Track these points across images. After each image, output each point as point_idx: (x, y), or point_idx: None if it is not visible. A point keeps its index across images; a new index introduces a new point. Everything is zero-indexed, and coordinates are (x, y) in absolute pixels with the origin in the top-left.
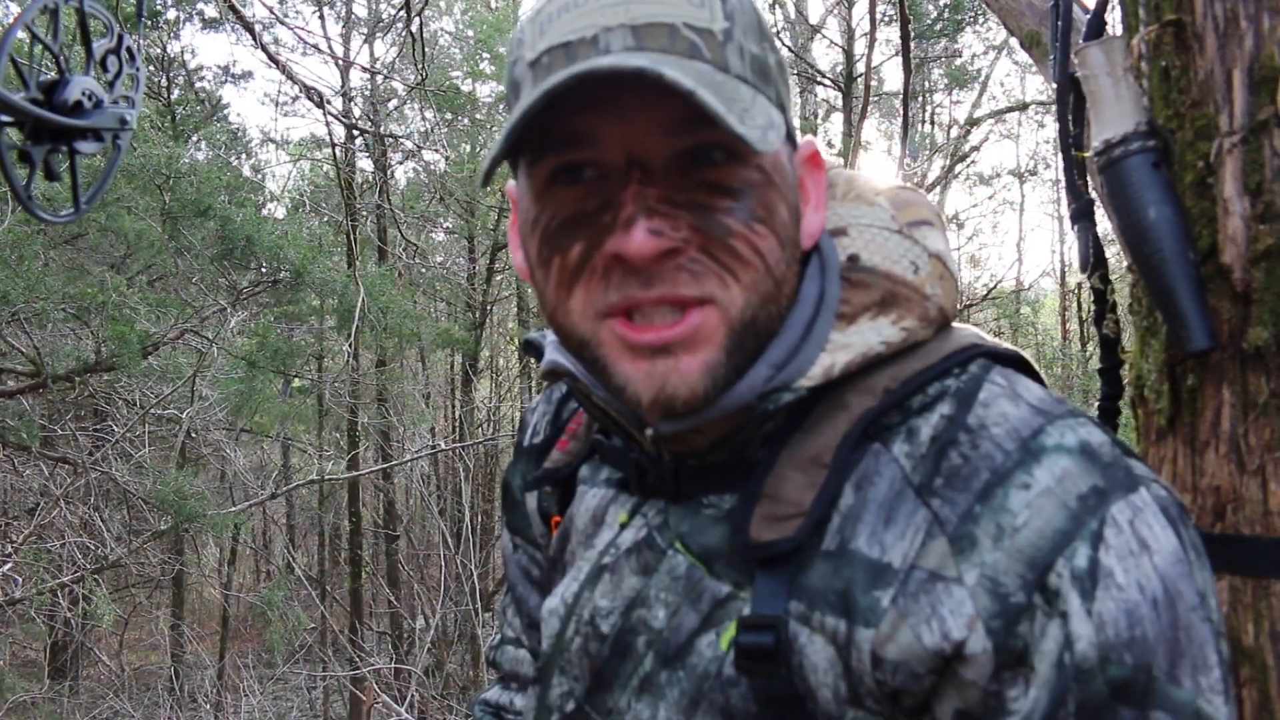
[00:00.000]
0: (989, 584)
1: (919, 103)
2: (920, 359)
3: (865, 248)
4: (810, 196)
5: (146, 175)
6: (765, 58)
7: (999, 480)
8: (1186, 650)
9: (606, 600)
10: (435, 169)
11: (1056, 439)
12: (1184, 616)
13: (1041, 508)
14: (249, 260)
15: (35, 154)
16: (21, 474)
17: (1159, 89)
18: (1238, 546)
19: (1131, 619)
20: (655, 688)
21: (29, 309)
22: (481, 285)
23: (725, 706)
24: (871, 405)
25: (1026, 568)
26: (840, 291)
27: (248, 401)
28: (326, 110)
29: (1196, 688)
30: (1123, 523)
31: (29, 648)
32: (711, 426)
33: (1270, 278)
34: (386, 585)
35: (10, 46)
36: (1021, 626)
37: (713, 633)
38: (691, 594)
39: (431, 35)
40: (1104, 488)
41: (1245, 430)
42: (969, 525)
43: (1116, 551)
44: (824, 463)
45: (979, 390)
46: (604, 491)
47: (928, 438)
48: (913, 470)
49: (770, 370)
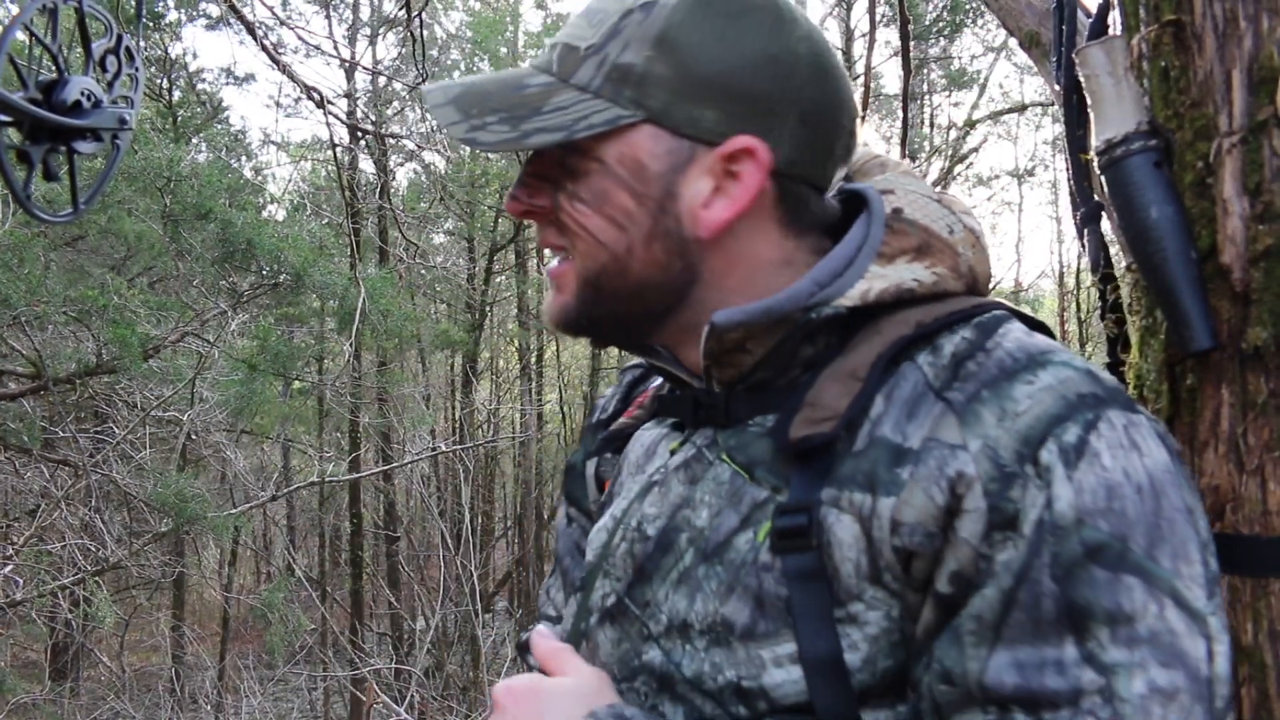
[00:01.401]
0: (990, 453)
1: (918, 104)
2: (951, 305)
3: (908, 205)
4: (704, 183)
5: (147, 177)
6: (636, 65)
7: (1006, 376)
8: (1168, 538)
9: (654, 508)
10: (435, 170)
11: (1065, 359)
12: (1168, 511)
13: (1042, 399)
14: (250, 263)
15: (34, 154)
16: (22, 476)
17: (1158, 89)
18: (1236, 546)
19: (1111, 494)
20: (693, 580)
21: (30, 312)
22: (481, 286)
23: (757, 592)
24: (905, 333)
25: (1023, 444)
26: (883, 235)
27: (248, 403)
28: (327, 111)
29: (1176, 571)
30: (1117, 424)
31: (30, 649)
32: (759, 340)
33: (1269, 278)
34: (387, 586)
35: (9, 46)
36: (1014, 491)
37: (750, 531)
38: (734, 498)
39: (431, 37)
40: (1104, 397)
41: (1244, 430)
42: (975, 404)
43: (1107, 441)
44: (859, 376)
45: (1000, 326)
46: (658, 431)
47: (949, 354)
48: (934, 378)
49: (814, 286)
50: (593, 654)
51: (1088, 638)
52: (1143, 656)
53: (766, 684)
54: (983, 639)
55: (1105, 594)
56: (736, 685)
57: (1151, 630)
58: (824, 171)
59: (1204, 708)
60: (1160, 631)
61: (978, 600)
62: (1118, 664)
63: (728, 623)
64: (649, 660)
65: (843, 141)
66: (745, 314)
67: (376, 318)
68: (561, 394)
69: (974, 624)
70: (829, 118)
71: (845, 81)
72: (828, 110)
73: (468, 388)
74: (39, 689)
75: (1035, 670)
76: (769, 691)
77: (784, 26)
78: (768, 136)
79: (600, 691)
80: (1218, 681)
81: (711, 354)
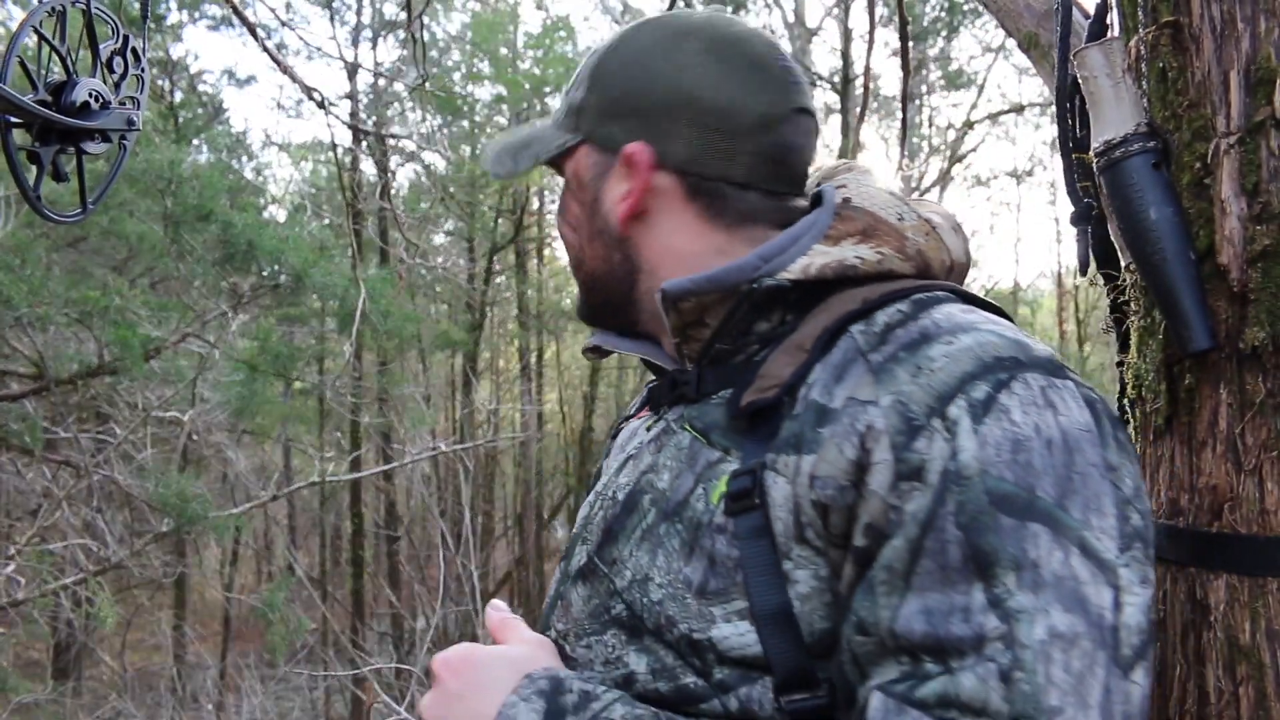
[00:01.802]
0: (900, 407)
1: (916, 105)
2: (899, 285)
3: (858, 194)
4: (619, 186)
5: (148, 179)
6: (578, 99)
7: (926, 339)
8: (1080, 490)
9: (627, 478)
10: (436, 170)
11: (993, 328)
12: (1082, 466)
13: (958, 357)
14: (250, 264)
15: (44, 155)
16: (24, 476)
17: (1156, 90)
18: (1235, 546)
19: (1017, 447)
20: (654, 536)
21: (32, 313)
22: (481, 286)
23: (711, 553)
24: (852, 309)
25: (934, 399)
26: (830, 221)
27: (249, 404)
28: (329, 112)
29: (1086, 522)
30: (1034, 384)
31: (32, 649)
32: (713, 311)
33: (1267, 278)
34: (387, 586)
35: (18, 49)
36: (919, 443)
37: (702, 488)
38: (691, 460)
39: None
40: (1024, 360)
41: (1242, 430)
42: (891, 364)
43: (1020, 399)
44: (805, 348)
45: (938, 304)
46: (643, 419)
47: (882, 323)
48: (865, 344)
49: (759, 261)
50: (566, 612)
51: (995, 583)
52: (1046, 601)
53: (714, 636)
54: (894, 588)
55: (1011, 540)
56: (689, 637)
57: (1056, 575)
58: (740, 169)
59: (1107, 654)
60: (1065, 577)
61: (888, 550)
62: (1022, 609)
63: (686, 580)
64: (617, 614)
65: (757, 139)
66: (693, 281)
67: (377, 318)
68: (561, 394)
69: (885, 574)
70: (728, 120)
71: (759, 85)
72: (724, 113)
73: (468, 388)
74: (41, 688)
75: (943, 617)
76: (716, 644)
77: (680, 45)
78: (656, 141)
79: (536, 657)
80: (1125, 630)
81: (677, 329)
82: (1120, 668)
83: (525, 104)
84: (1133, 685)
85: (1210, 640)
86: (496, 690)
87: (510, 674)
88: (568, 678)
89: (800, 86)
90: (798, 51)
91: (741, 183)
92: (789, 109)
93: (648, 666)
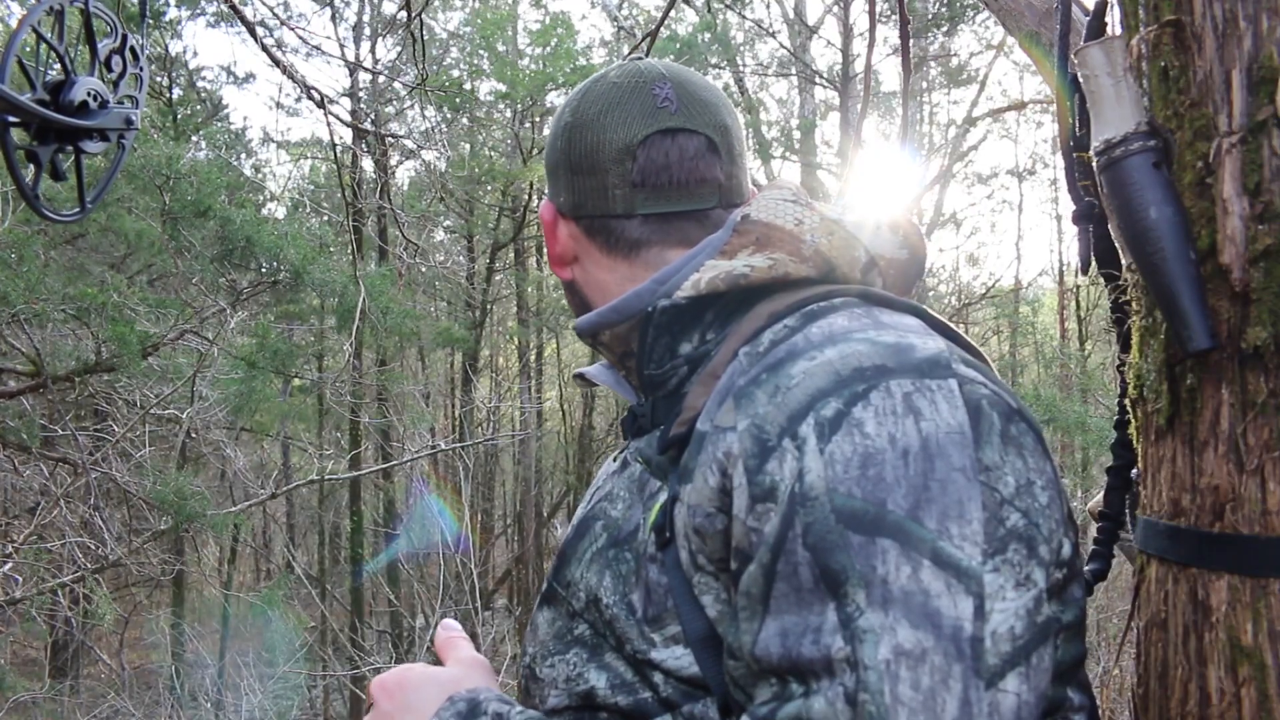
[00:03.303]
0: (755, 430)
1: (917, 102)
2: (804, 293)
3: (756, 209)
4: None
5: (147, 176)
6: (551, 159)
7: (790, 357)
8: (937, 499)
9: (585, 507)
10: (435, 168)
11: (867, 336)
12: (943, 473)
13: (814, 374)
14: (249, 260)
15: (42, 154)
16: (22, 474)
17: (1158, 89)
18: (1236, 546)
19: (867, 461)
20: (603, 559)
21: (29, 309)
22: (481, 284)
23: (648, 581)
24: (759, 325)
25: (786, 419)
26: (727, 238)
27: (248, 401)
28: (327, 110)
29: (943, 531)
30: (896, 392)
31: (30, 647)
32: (629, 339)
33: (1269, 278)
34: (386, 584)
35: (17, 48)
36: (771, 464)
37: (643, 519)
38: (640, 491)
39: (432, 36)
40: (891, 368)
41: (1244, 430)
42: (753, 387)
43: (876, 410)
44: (717, 374)
45: (826, 314)
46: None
47: (767, 342)
48: (748, 365)
49: (655, 285)
50: (534, 636)
51: (846, 602)
52: (894, 618)
53: (654, 658)
54: (754, 612)
55: (859, 558)
56: (635, 657)
57: (904, 590)
58: (617, 202)
59: (964, 667)
60: (913, 591)
61: (747, 574)
62: (869, 629)
63: (630, 605)
64: (580, 634)
65: (621, 169)
66: (599, 315)
67: (376, 315)
68: (561, 392)
69: (745, 599)
70: (590, 160)
71: (617, 122)
72: (586, 155)
73: (467, 385)
74: (39, 686)
75: (796, 639)
76: (657, 664)
77: (565, 104)
78: (555, 196)
79: (466, 678)
80: (991, 639)
81: (614, 361)
82: (982, 678)
83: (531, 99)
84: (1001, 694)
85: (1212, 641)
86: (423, 712)
87: (438, 695)
88: (486, 700)
89: (667, 111)
90: (797, 48)
91: (622, 213)
92: (648, 133)
93: (608, 682)
